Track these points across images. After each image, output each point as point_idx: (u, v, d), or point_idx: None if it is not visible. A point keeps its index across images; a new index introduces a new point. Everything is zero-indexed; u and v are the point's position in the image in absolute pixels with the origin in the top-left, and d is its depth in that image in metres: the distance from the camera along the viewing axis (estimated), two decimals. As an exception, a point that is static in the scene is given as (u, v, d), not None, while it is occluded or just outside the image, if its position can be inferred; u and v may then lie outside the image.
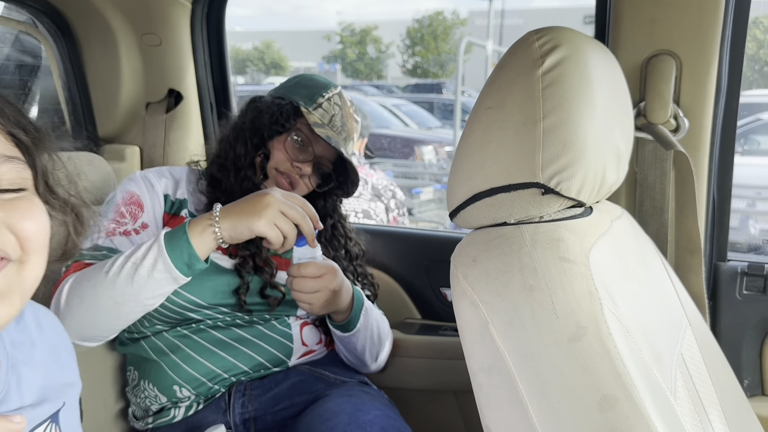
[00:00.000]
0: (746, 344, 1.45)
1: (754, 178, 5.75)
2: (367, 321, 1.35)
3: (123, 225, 1.27)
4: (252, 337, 1.30)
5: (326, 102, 1.37)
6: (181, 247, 1.09)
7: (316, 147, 1.36)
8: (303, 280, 1.20)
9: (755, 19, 16.83)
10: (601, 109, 0.86)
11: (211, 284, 1.26)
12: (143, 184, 1.34)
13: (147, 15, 1.74)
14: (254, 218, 1.11)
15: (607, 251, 0.88)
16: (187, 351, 1.27)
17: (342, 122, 1.37)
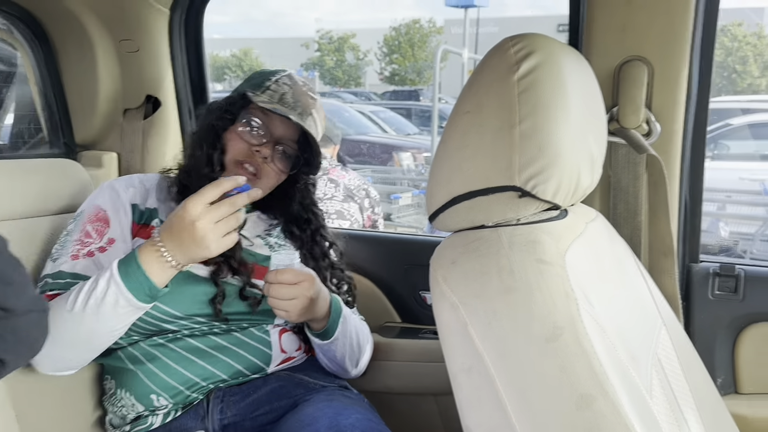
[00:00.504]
0: (719, 343, 1.48)
1: (723, 181, 5.86)
2: (345, 328, 1.34)
3: (88, 245, 1.26)
4: (230, 344, 1.28)
5: (274, 84, 1.34)
6: (139, 282, 1.09)
7: (273, 128, 1.32)
8: (280, 286, 1.19)
9: (723, 27, 17.13)
10: (575, 114, 0.88)
11: (187, 295, 1.24)
12: (109, 196, 1.32)
13: (124, 21, 1.73)
14: (204, 250, 1.09)
15: (583, 253, 0.90)
16: (164, 359, 1.25)
17: (294, 99, 1.33)
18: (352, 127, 9.89)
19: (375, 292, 1.80)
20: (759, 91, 18.09)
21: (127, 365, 1.27)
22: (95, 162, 1.82)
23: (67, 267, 1.23)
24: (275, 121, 1.32)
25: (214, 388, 1.27)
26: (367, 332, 1.47)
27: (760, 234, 5.11)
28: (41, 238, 1.36)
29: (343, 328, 1.33)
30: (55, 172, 1.50)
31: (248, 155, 1.31)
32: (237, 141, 1.31)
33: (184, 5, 1.80)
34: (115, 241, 1.27)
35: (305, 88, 1.36)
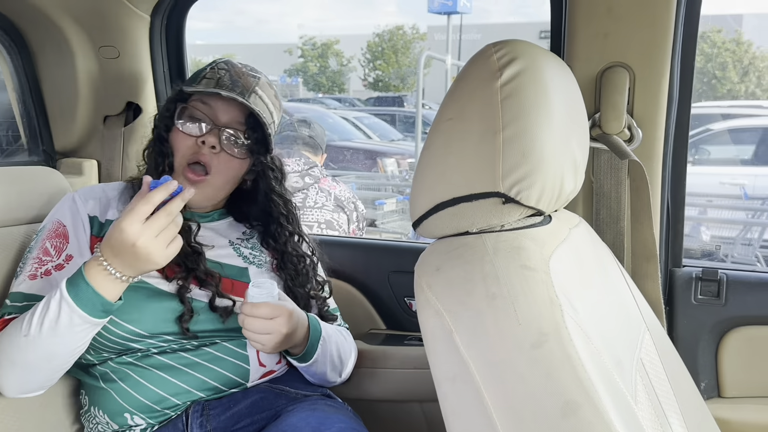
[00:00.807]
0: (702, 348, 1.49)
1: (704, 186, 5.92)
2: (325, 348, 1.31)
3: (45, 264, 1.23)
4: (204, 361, 1.25)
5: (210, 71, 1.29)
6: (90, 300, 1.07)
7: (216, 115, 1.26)
8: (254, 320, 1.16)
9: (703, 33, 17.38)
10: (558, 120, 0.88)
11: (152, 313, 1.21)
12: (69, 209, 1.29)
13: (104, 27, 1.71)
14: (151, 264, 1.07)
15: (567, 259, 0.90)
16: (135, 378, 1.22)
17: (232, 80, 1.27)
18: (336, 133, 9.89)
19: (359, 299, 1.80)
20: (738, 97, 18.35)
21: (99, 383, 1.24)
22: (75, 170, 1.79)
23: (24, 287, 1.21)
24: (217, 107, 1.26)
25: (192, 403, 1.24)
26: (349, 343, 1.45)
27: (741, 238, 5.17)
28: (17, 248, 1.34)
29: (323, 349, 1.30)
30: (34, 180, 1.48)
31: (195, 150, 1.25)
32: (181, 138, 1.26)
33: (165, 11, 1.79)
34: (74, 258, 1.24)
35: (245, 69, 1.31)
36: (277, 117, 1.34)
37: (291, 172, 2.75)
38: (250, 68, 1.32)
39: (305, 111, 11.31)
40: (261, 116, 1.25)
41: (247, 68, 1.32)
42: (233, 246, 1.35)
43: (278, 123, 1.35)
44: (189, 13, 1.85)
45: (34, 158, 1.83)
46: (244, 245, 1.37)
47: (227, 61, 1.32)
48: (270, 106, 1.30)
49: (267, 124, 1.26)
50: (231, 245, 1.35)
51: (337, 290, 1.65)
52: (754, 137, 7.11)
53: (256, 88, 1.28)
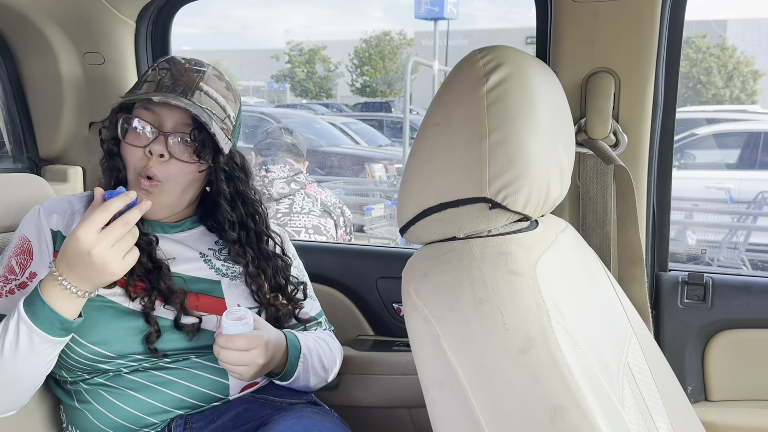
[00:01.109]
0: (689, 352, 1.50)
1: (690, 190, 5.98)
2: (307, 364, 1.27)
3: (10, 282, 1.20)
4: (179, 379, 1.21)
5: (152, 73, 1.23)
6: (48, 318, 1.04)
7: (161, 121, 1.20)
8: (230, 352, 1.13)
9: (687, 39, 17.52)
10: (544, 125, 0.89)
11: (118, 333, 1.17)
12: (34, 224, 1.25)
13: (89, 33, 1.70)
14: (108, 276, 1.04)
15: (553, 264, 0.90)
16: (109, 398, 1.19)
17: (174, 79, 1.20)
18: (324, 138, 9.88)
19: (347, 305, 1.79)
20: (723, 102, 18.53)
21: (74, 403, 1.22)
22: (60, 176, 1.78)
23: None
24: (161, 112, 1.20)
25: (174, 418, 1.21)
26: (334, 349, 1.40)
27: (727, 242, 5.21)
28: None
29: (304, 365, 1.27)
30: (19, 187, 1.47)
31: (145, 161, 1.20)
32: (130, 151, 1.21)
33: (151, 17, 1.78)
34: (37, 275, 1.21)
35: (188, 65, 1.23)
36: (233, 109, 1.27)
37: (277, 178, 2.75)
38: (195, 62, 1.25)
39: (293, 116, 11.31)
40: (200, 117, 1.17)
41: (191, 63, 1.25)
42: (204, 258, 1.31)
43: (237, 115, 1.29)
44: (174, 18, 1.85)
45: (19, 165, 1.81)
46: (216, 257, 1.32)
47: (170, 58, 1.26)
48: (220, 99, 1.24)
49: (208, 124, 1.18)
50: (202, 257, 1.30)
51: (324, 296, 1.65)
52: (738, 141, 7.18)
53: (201, 84, 1.21)
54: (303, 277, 1.46)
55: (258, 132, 9.87)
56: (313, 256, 1.63)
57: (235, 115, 1.28)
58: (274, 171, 2.78)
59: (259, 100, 21.05)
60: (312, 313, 1.44)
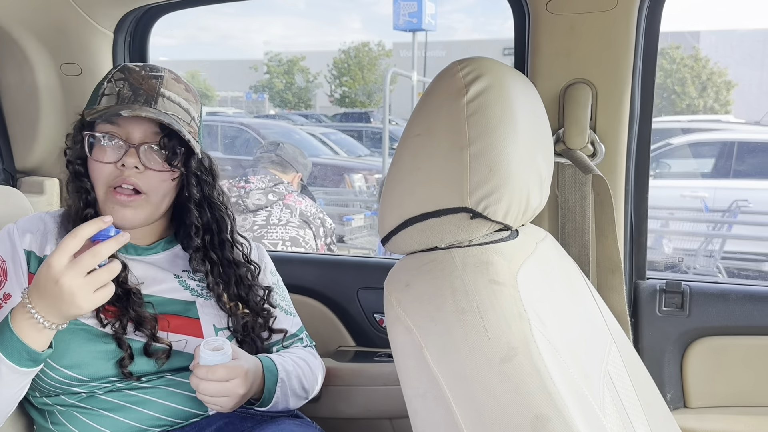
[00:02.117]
0: (667, 359, 1.51)
1: (666, 199, 6.05)
2: (285, 389, 1.25)
3: None
4: (154, 398, 1.19)
5: (107, 85, 1.20)
6: (16, 349, 1.02)
7: (130, 133, 1.17)
8: (209, 383, 1.11)
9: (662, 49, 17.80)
10: (523, 136, 0.90)
11: (90, 357, 1.15)
12: (8, 243, 1.22)
13: (66, 44, 1.69)
14: (75, 308, 1.00)
15: (534, 273, 0.91)
16: (84, 419, 1.17)
17: (133, 89, 1.17)
18: (303, 149, 9.84)
19: (328, 316, 1.79)
20: (697, 112, 18.80)
21: (48, 425, 1.20)
22: (36, 188, 1.76)
23: None
24: (127, 124, 1.17)
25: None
26: (314, 366, 1.38)
27: (703, 250, 5.28)
28: (-22, 269, 1.30)
29: (282, 390, 1.24)
30: (-7, 199, 1.45)
31: (117, 175, 1.17)
32: (98, 167, 1.18)
33: (129, 28, 1.77)
34: (11, 297, 1.18)
35: (144, 72, 1.21)
36: (196, 111, 1.24)
37: (255, 189, 2.73)
38: (150, 67, 1.22)
39: (271, 127, 11.28)
40: (173, 126, 1.16)
41: (146, 69, 1.22)
42: (179, 279, 1.28)
43: (199, 116, 1.26)
44: (152, 29, 1.84)
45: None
46: (190, 277, 1.30)
47: (123, 67, 1.22)
48: (183, 103, 1.21)
49: (182, 131, 1.16)
50: (176, 278, 1.28)
51: (305, 307, 1.64)
52: (713, 151, 7.29)
53: (162, 90, 1.19)
54: (282, 292, 1.44)
55: (237, 142, 9.84)
56: (293, 268, 1.62)
57: (198, 116, 1.26)
58: (252, 182, 2.77)
59: (238, 110, 20.98)
60: (293, 329, 1.41)
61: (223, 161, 9.52)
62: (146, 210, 1.20)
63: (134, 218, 1.19)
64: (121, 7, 1.70)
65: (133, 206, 1.18)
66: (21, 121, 1.76)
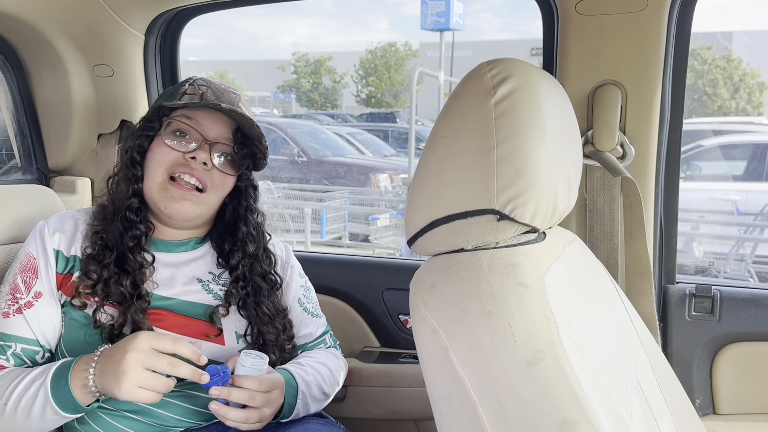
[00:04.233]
0: (697, 364, 1.49)
1: (696, 202, 5.96)
2: (306, 398, 1.25)
3: (17, 301, 1.20)
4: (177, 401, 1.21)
5: (190, 87, 1.25)
6: (65, 398, 1.06)
7: (205, 130, 1.22)
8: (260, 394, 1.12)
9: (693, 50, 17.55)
10: (551, 138, 0.89)
11: None
12: (39, 241, 1.24)
13: (99, 46, 1.72)
14: (114, 385, 1.02)
15: (561, 275, 0.90)
16: (108, 420, 1.19)
17: (216, 95, 1.23)
18: (330, 149, 9.91)
19: (354, 317, 1.79)
20: (729, 113, 18.50)
21: (74, 423, 1.22)
22: (68, 188, 1.79)
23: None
24: (204, 122, 1.23)
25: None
26: (335, 370, 1.38)
27: (734, 254, 5.19)
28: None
29: (303, 401, 1.24)
30: (28, 198, 1.48)
31: (183, 163, 1.21)
32: (166, 152, 1.21)
33: (160, 30, 1.80)
34: (42, 295, 1.21)
35: (224, 86, 1.28)
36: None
37: None
38: (227, 85, 1.30)
39: (298, 126, 11.34)
40: (253, 129, 1.23)
41: (224, 85, 1.29)
42: (203, 283, 1.29)
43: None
44: (182, 31, 1.86)
45: (28, 176, 1.82)
46: (215, 281, 1.31)
47: (204, 78, 1.29)
48: (254, 120, 1.27)
49: (261, 134, 1.24)
50: (200, 282, 1.29)
51: (331, 307, 1.65)
52: (745, 153, 7.16)
53: (240, 105, 1.25)
54: (309, 293, 1.45)
55: (264, 142, 9.91)
56: (319, 268, 1.63)
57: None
58: None
59: (265, 110, 21.13)
60: (317, 332, 1.43)
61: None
62: (201, 208, 1.24)
63: (191, 212, 1.22)
64: (152, 10, 1.72)
65: (191, 200, 1.22)
66: (54, 121, 1.79)
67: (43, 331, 1.19)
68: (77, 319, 1.20)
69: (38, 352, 1.20)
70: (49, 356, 1.22)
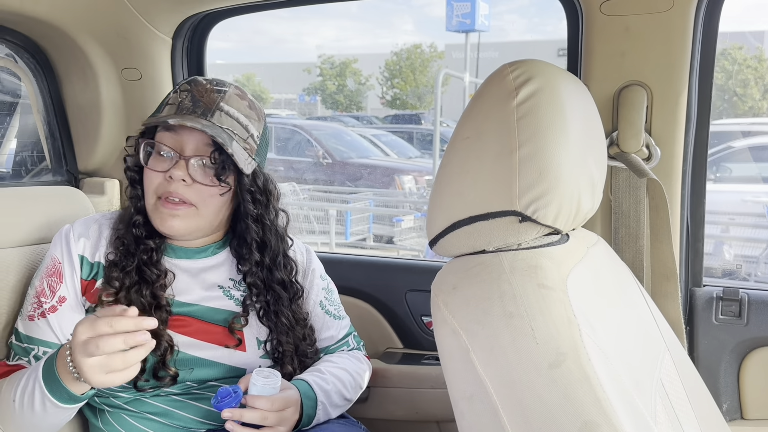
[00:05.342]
0: (724, 369, 1.47)
1: (726, 204, 5.86)
2: (326, 407, 1.25)
3: (42, 305, 1.22)
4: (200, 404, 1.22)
5: (172, 96, 1.23)
6: (59, 389, 1.03)
7: (182, 145, 1.19)
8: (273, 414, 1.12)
9: (723, 50, 17.25)
10: (574, 139, 0.89)
11: None
12: (64, 246, 1.25)
13: (127, 50, 1.75)
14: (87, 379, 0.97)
15: (585, 278, 0.90)
16: (131, 422, 1.21)
17: (194, 101, 1.19)
18: (355, 150, 9.94)
19: (376, 318, 1.80)
20: (760, 114, 18.15)
21: (99, 424, 1.24)
22: (97, 189, 1.82)
23: (23, 327, 1.22)
24: (183, 134, 1.19)
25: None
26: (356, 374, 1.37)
27: (765, 257, 5.10)
28: (43, 266, 1.36)
29: (324, 410, 1.24)
30: (58, 199, 1.51)
31: (164, 185, 1.19)
32: (150, 175, 1.21)
33: (187, 34, 1.82)
34: (66, 300, 1.22)
35: (210, 85, 1.22)
36: (257, 128, 1.24)
37: None
38: (217, 82, 1.24)
39: (323, 128, 11.40)
40: (217, 138, 1.16)
41: (212, 83, 1.23)
42: (224, 290, 1.29)
43: (261, 134, 1.26)
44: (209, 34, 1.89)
45: (58, 178, 1.86)
46: (236, 287, 1.31)
47: (192, 79, 1.25)
48: (242, 119, 1.22)
49: (226, 144, 1.16)
50: (221, 289, 1.29)
51: (354, 308, 1.66)
52: (776, 155, 7.03)
53: (221, 104, 1.20)
54: (331, 295, 1.44)
55: (290, 144, 9.99)
56: (342, 269, 1.64)
57: (259, 134, 1.25)
58: None
59: (291, 112, 21.26)
60: (340, 334, 1.42)
61: (275, 162, 9.68)
62: (195, 221, 1.22)
63: (181, 228, 1.21)
64: (180, 14, 1.75)
65: (180, 216, 1.20)
66: (84, 123, 1.83)
67: (66, 336, 1.20)
68: None
69: None
70: None
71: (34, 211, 1.41)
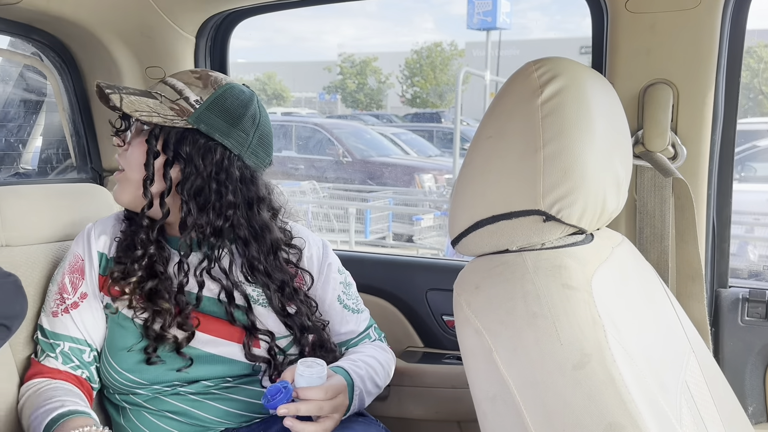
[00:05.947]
0: (750, 371, 1.45)
1: (751, 204, 5.77)
2: (362, 394, 1.23)
3: (64, 301, 1.24)
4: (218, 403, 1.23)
5: None
6: None
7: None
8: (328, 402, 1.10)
9: (749, 48, 16.98)
10: (600, 138, 0.88)
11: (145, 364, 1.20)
12: (86, 242, 1.27)
13: (151, 49, 1.76)
14: None
15: (609, 278, 0.89)
16: (151, 419, 1.23)
17: None
18: (375, 149, 9.94)
19: (397, 316, 1.80)
20: (787, 113, 17.86)
21: (121, 420, 1.26)
22: (121, 186, 1.84)
23: (47, 323, 1.25)
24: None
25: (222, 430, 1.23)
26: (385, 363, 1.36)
27: (791, 257, 5.01)
28: (68, 262, 1.37)
29: (360, 397, 1.23)
30: (83, 196, 1.52)
31: None
32: None
33: (210, 33, 1.84)
34: (87, 296, 1.24)
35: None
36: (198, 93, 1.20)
37: None
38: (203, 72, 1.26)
39: (343, 127, 11.42)
40: (102, 83, 1.23)
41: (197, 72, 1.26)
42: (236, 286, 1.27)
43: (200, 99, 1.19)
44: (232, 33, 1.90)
45: (83, 175, 1.88)
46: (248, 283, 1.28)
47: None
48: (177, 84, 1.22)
49: (111, 90, 1.20)
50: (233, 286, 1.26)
51: (375, 307, 1.66)
52: (803, 154, 6.91)
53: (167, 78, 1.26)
54: (349, 289, 1.43)
55: (310, 143, 10.02)
56: (363, 268, 1.64)
57: (200, 98, 1.20)
58: None
59: (311, 111, 21.34)
60: (360, 327, 1.42)
61: (296, 160, 9.71)
62: (128, 187, 1.23)
63: (120, 197, 1.25)
64: (203, 13, 1.76)
65: (119, 181, 1.26)
66: (108, 122, 1.84)
67: (89, 331, 1.24)
68: (117, 321, 1.23)
69: (85, 351, 1.24)
70: (95, 355, 1.26)
71: (59, 209, 1.43)
